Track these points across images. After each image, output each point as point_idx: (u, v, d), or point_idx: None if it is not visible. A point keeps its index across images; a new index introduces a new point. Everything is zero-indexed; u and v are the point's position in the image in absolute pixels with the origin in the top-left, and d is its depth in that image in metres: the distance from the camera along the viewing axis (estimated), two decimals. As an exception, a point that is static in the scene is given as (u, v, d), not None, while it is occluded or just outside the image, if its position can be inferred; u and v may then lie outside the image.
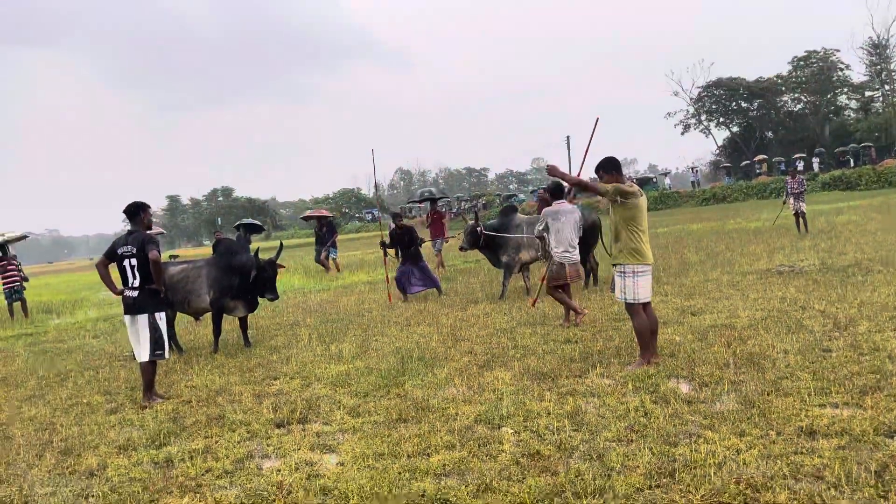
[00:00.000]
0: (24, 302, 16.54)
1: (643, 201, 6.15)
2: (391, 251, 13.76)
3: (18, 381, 8.58)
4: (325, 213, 23.88)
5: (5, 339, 13.27)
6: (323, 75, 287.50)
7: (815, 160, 52.31)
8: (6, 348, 12.02)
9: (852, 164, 49.58)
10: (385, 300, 12.77)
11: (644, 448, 4.14)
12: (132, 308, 6.63)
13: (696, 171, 61.35)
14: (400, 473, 4.16)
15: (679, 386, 5.41)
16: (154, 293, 6.65)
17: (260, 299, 9.46)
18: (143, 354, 6.61)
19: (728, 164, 60.75)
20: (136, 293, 6.60)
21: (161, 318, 6.70)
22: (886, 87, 67.03)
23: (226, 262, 9.30)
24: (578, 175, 8.89)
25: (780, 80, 71.18)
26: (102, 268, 6.84)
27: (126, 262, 6.63)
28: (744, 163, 57.58)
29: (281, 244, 10.00)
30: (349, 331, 9.81)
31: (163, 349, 6.68)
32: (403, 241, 12.92)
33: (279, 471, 4.48)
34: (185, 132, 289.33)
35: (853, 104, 72.75)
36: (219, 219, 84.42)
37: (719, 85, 72.40)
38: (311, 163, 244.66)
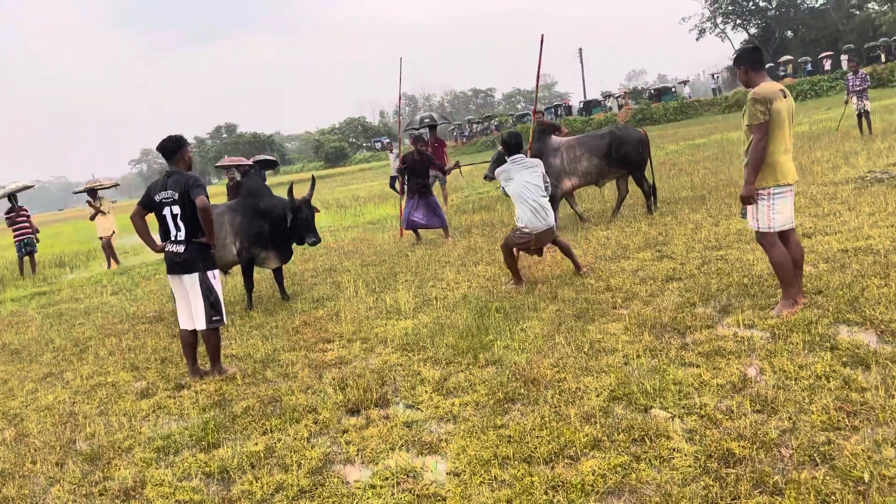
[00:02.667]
0: (32, 256, 15.49)
1: (784, 105, 4.81)
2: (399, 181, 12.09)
3: (33, 355, 7.55)
4: (242, 161, 20.78)
5: (18, 301, 12.27)
6: (320, 5, 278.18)
7: (844, 58, 49.59)
8: (19, 311, 11.02)
9: (883, 59, 46.98)
10: (429, 239, 11.57)
11: (885, 442, 2.99)
12: (178, 266, 5.46)
13: (717, 77, 58.64)
14: (546, 493, 3.05)
15: (863, 337, 4.22)
16: (204, 248, 5.46)
17: (295, 245, 8.32)
18: (199, 321, 5.49)
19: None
20: (181, 248, 5.41)
21: (215, 276, 5.54)
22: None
23: (251, 206, 8.09)
24: (535, 93, 7.52)
25: (802, -26, 67.50)
26: (138, 219, 5.60)
27: (166, 211, 5.41)
28: (767, 65, 54.82)
29: (313, 178, 8.74)
30: (398, 276, 8.66)
31: (220, 314, 5.55)
32: (416, 170, 11.28)
33: (374, 487, 3.39)
34: (182, 70, 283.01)
35: (875, -4, 69.20)
36: (225, 156, 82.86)
37: (738, -18, 68.81)
38: (313, 94, 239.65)
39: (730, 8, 72.77)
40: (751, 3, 72.29)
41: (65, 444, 4.68)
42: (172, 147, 5.52)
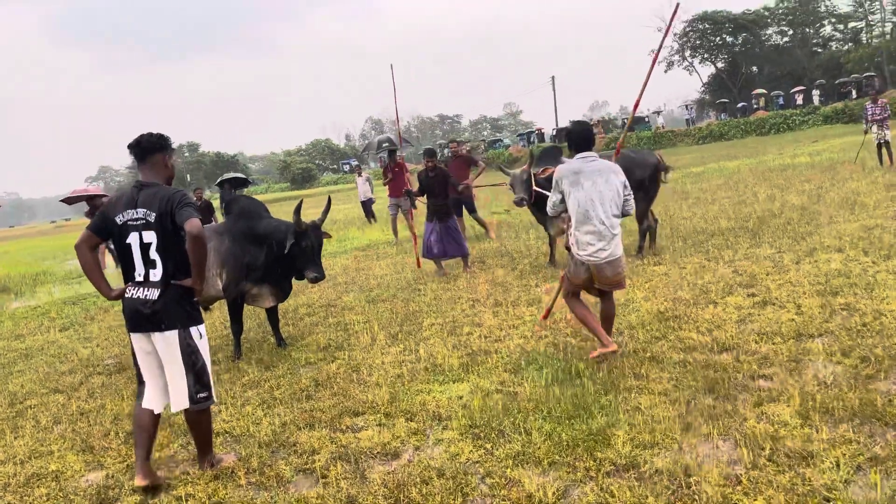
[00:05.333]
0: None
1: None
2: (421, 199, 10.51)
3: (-48, 417, 5.77)
4: (94, 191, 17.92)
5: (-54, 334, 10.31)
6: (284, 26, 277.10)
7: (816, 93, 50.00)
8: (-55, 349, 9.10)
9: (854, 95, 47.28)
10: (430, 268, 10.01)
11: None
12: (147, 321, 3.75)
13: (691, 108, 58.73)
14: None
15: None
16: (187, 294, 3.81)
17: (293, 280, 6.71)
18: (179, 399, 3.81)
19: (725, 100, 58.41)
20: (154, 293, 3.73)
21: (202, 334, 3.88)
22: (871, 17, 65.18)
23: (243, 230, 6.47)
24: (653, 62, 5.68)
25: (767, 13, 68.81)
26: (87, 250, 3.86)
27: (133, 238, 3.75)
28: (741, 104, 54.81)
29: (329, 199, 7.15)
30: (419, 317, 7.08)
31: (209, 388, 3.88)
32: (434, 189, 9.78)
33: None
34: (143, 88, 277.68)
35: (838, 35, 70.95)
36: (187, 175, 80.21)
37: (705, 19, 69.82)
38: (277, 115, 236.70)
39: (697, 42, 73.52)
40: (717, 38, 73.17)
41: None
42: (152, 146, 3.87)
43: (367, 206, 19.82)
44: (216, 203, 19.39)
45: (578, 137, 5.04)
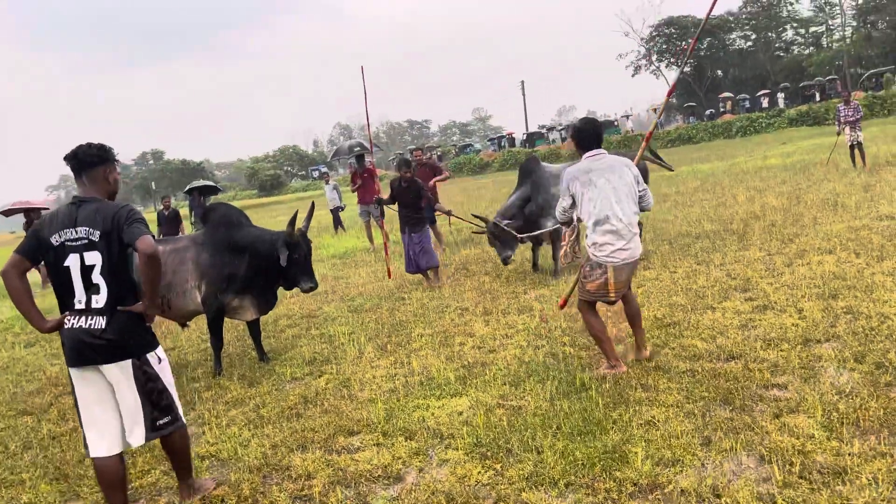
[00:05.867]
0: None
1: None
2: (391, 208, 10.10)
3: None
4: (35, 204, 16.36)
5: None
6: (251, 33, 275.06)
7: (780, 96, 50.91)
8: None
9: (818, 98, 48.22)
10: (415, 279, 9.76)
11: None
12: (96, 352, 3.31)
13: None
14: None
15: None
16: (138, 318, 3.42)
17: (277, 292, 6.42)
18: (135, 433, 3.42)
19: (692, 104, 59.18)
20: (101, 322, 3.31)
21: (160, 358, 3.52)
22: (832, 21, 66.83)
23: (223, 240, 6.17)
24: (693, 44, 5.81)
25: (731, 18, 70.10)
26: (15, 277, 3.36)
27: (72, 261, 3.30)
28: (709, 110, 55.53)
29: (312, 204, 6.85)
30: (407, 328, 6.84)
31: (171, 412, 3.52)
32: (406, 200, 9.45)
33: None
34: (108, 95, 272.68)
35: (800, 39, 72.55)
36: (152, 183, 78.78)
37: (670, 24, 70.86)
38: (243, 122, 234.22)
39: (664, 46, 74.54)
40: (683, 43, 74.20)
41: None
42: (92, 159, 3.44)
43: (336, 214, 19.46)
44: (184, 212, 18.89)
45: (587, 135, 4.80)
